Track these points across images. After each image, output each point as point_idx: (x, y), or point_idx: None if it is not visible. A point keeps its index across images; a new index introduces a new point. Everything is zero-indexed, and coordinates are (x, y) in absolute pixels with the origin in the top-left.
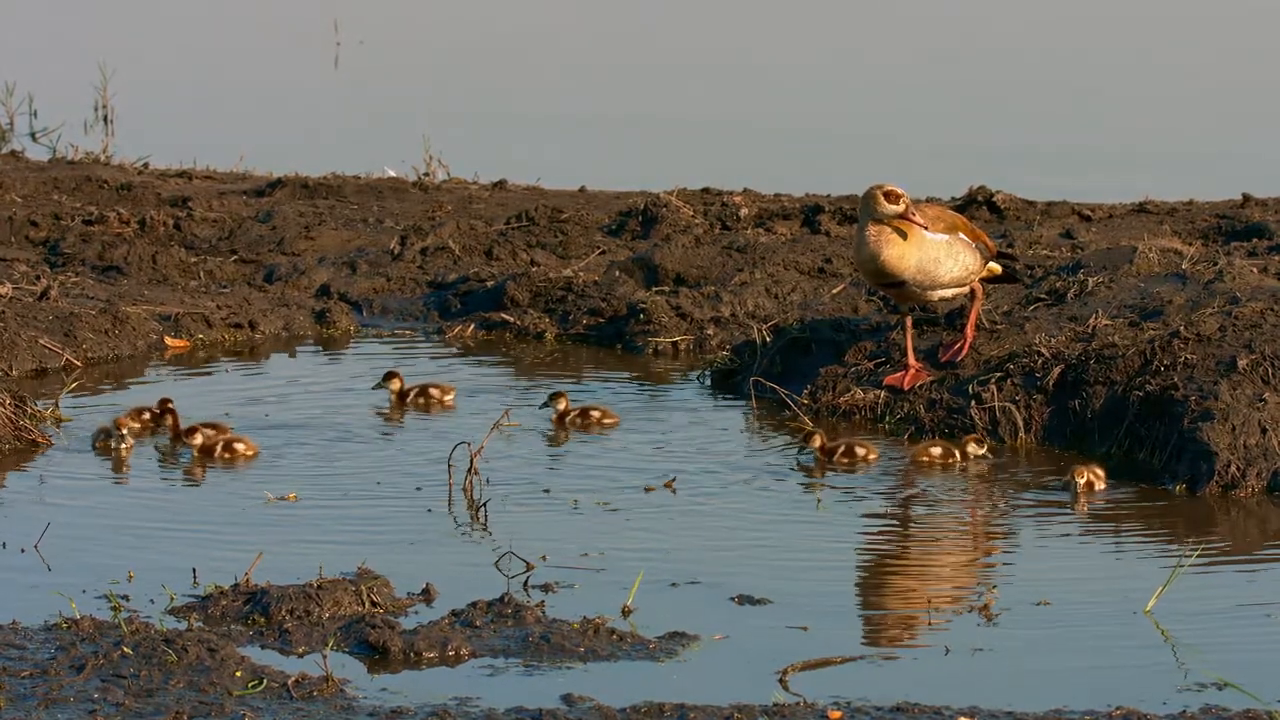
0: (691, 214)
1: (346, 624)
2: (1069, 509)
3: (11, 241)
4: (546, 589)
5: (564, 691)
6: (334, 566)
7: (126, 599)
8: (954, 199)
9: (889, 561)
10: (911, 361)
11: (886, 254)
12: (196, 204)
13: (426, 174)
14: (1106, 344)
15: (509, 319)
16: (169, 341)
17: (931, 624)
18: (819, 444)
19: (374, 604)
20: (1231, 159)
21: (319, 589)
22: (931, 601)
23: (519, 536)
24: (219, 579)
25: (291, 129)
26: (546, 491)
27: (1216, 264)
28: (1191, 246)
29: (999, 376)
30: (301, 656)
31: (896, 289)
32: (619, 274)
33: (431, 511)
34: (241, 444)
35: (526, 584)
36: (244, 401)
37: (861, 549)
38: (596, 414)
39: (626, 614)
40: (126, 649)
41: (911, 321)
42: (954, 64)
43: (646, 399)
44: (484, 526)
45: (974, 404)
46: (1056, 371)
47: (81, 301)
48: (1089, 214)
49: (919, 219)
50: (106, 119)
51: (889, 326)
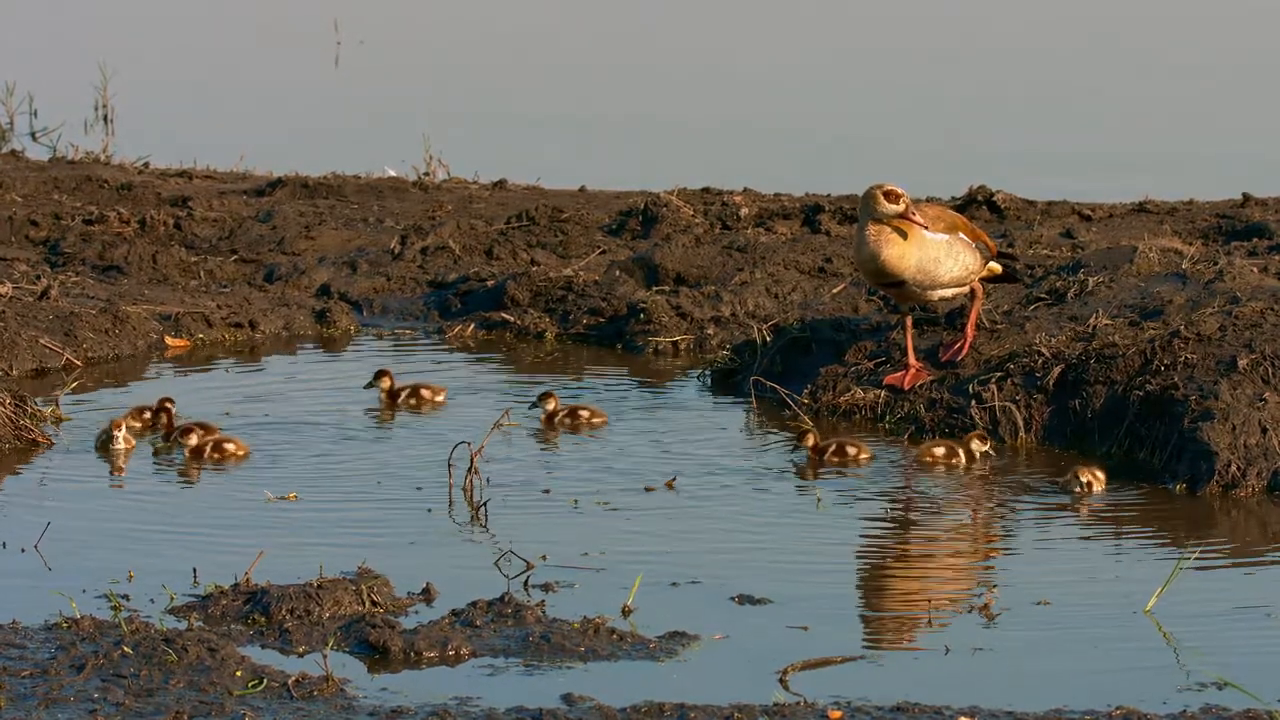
0: (692, 214)
1: (347, 623)
2: (1069, 509)
3: (12, 241)
4: (547, 589)
5: (564, 691)
6: (334, 566)
7: (127, 599)
8: (954, 199)
9: (889, 561)
10: (912, 361)
11: (886, 254)
12: (197, 204)
13: (426, 174)
14: (1107, 344)
15: (509, 319)
16: (169, 341)
17: (931, 624)
18: (811, 443)
19: (374, 603)
20: (1231, 159)
21: (319, 589)
22: (931, 601)
23: (519, 536)
24: (219, 579)
25: (291, 129)
26: (546, 491)
27: (1217, 264)
28: (1192, 246)
29: (999, 376)
30: (302, 656)
31: (896, 289)
32: (619, 274)
33: (431, 511)
34: (232, 444)
35: (527, 584)
36: (244, 401)
37: (861, 549)
38: (585, 414)
39: (627, 614)
40: (127, 649)
41: (912, 321)
42: (954, 64)
43: (647, 399)
44: (484, 526)
45: (974, 403)
46: (1057, 371)
47: (82, 301)
48: (1089, 214)
49: (919, 219)
50: (106, 119)
51: (889, 326)
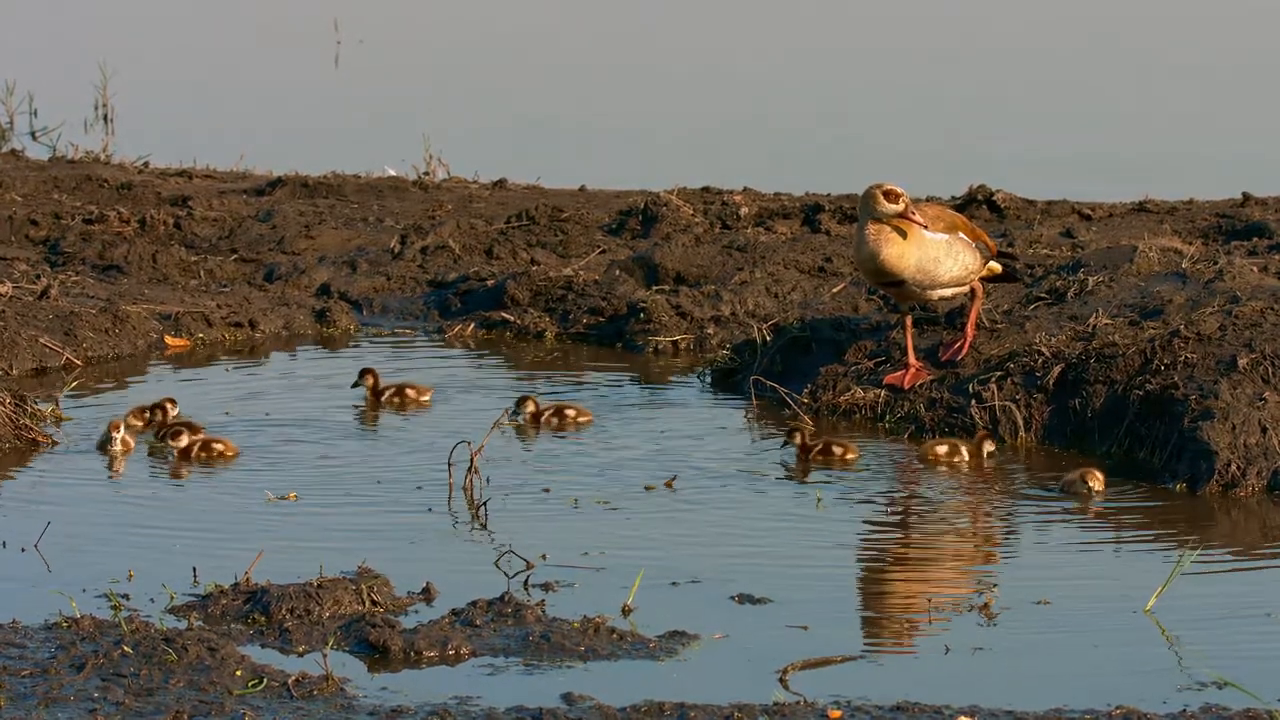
0: (692, 213)
1: (347, 623)
2: (1069, 509)
3: (12, 240)
4: (547, 588)
5: (564, 690)
6: (334, 565)
7: (126, 598)
8: (954, 198)
9: (889, 561)
10: (912, 360)
11: (886, 253)
12: (197, 203)
13: (426, 173)
14: (1107, 343)
15: (509, 318)
16: (169, 340)
17: (931, 623)
18: (800, 441)
19: (374, 603)
20: (1231, 159)
21: (319, 588)
22: (931, 601)
23: (519, 536)
24: (219, 578)
25: (291, 128)
26: (546, 491)
27: (1216, 263)
28: (1192, 246)
29: (999, 375)
30: (302, 655)
31: (896, 288)
32: (619, 273)
33: (432, 511)
34: (221, 444)
35: (527, 583)
36: (244, 400)
37: (861, 549)
38: (571, 413)
39: (627, 613)
40: (126, 648)
41: (912, 320)
42: (954, 64)
43: (647, 398)
44: (484, 526)
45: (974, 403)
46: (1057, 370)
47: (82, 300)
48: (1089, 213)
49: (918, 218)
50: (106, 118)
51: (889, 325)
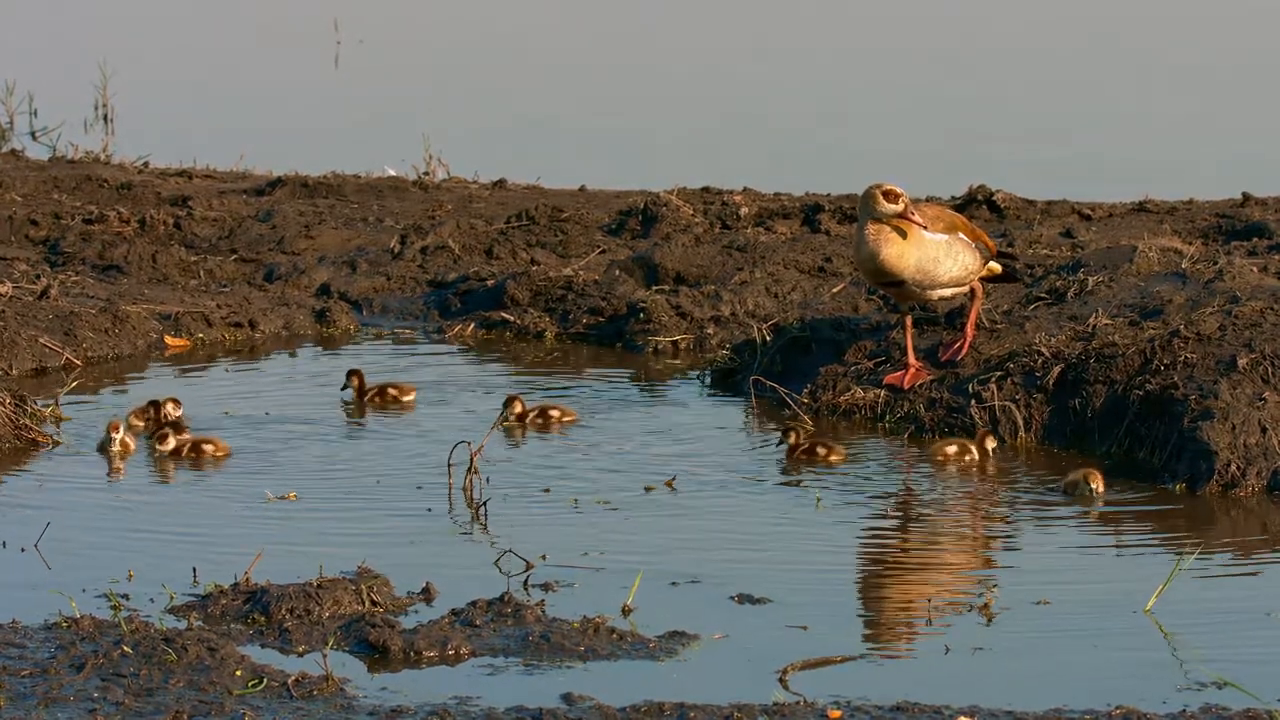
0: (691, 213)
1: (346, 623)
2: (1068, 508)
3: (11, 240)
4: (546, 588)
5: (564, 691)
6: (334, 565)
7: (126, 598)
8: (954, 198)
9: (889, 561)
10: (912, 360)
11: (886, 253)
12: (196, 203)
13: (426, 173)
14: (1106, 343)
15: (509, 318)
16: (169, 340)
17: (931, 623)
18: (791, 440)
19: (374, 603)
20: (1231, 159)
21: (319, 588)
22: (931, 601)
23: (519, 536)
24: (219, 578)
25: (291, 128)
26: (546, 491)
27: (1216, 263)
28: (1191, 246)
29: (999, 375)
30: (301, 655)
31: (896, 288)
32: (619, 273)
33: (431, 511)
34: (211, 444)
35: (526, 583)
36: (243, 399)
37: (861, 549)
38: (556, 413)
39: (626, 613)
40: (126, 648)
41: (911, 320)
42: (954, 64)
43: (647, 398)
44: (484, 526)
45: (974, 403)
46: (1056, 371)
47: (82, 300)
48: (1089, 213)
49: (918, 218)
50: (106, 118)
51: (889, 325)
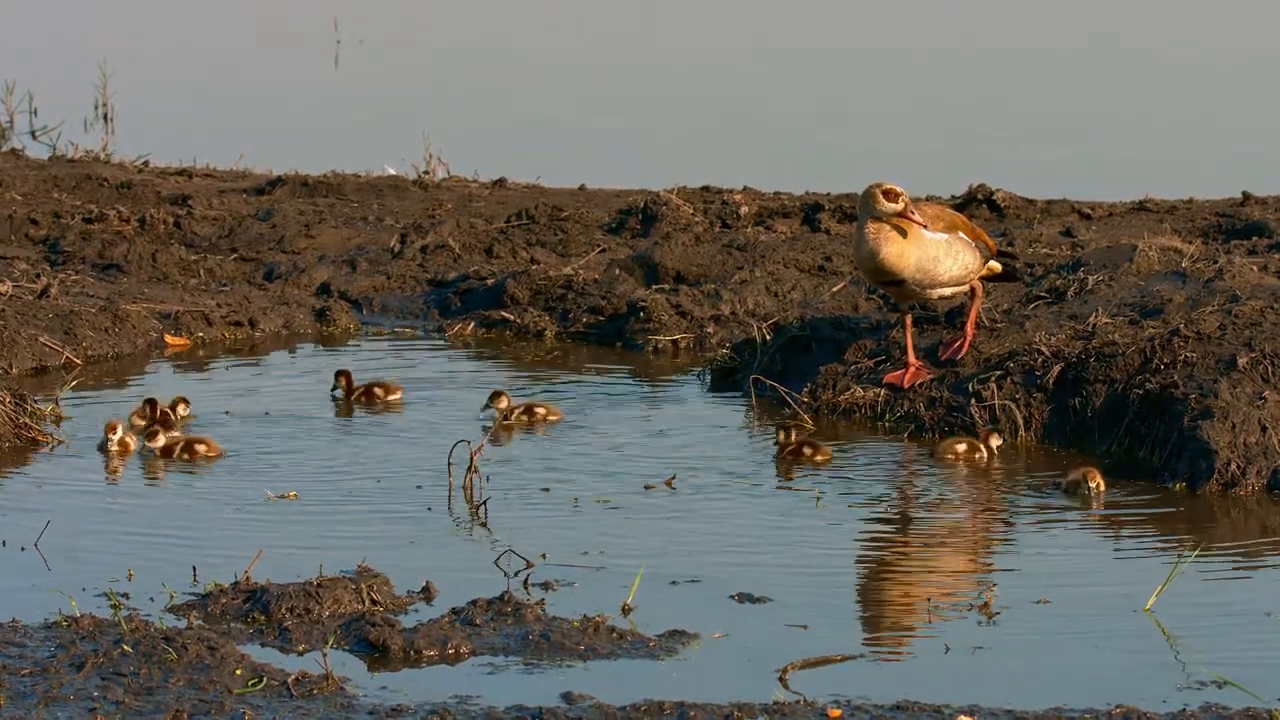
0: (691, 212)
1: (346, 622)
2: (1068, 508)
3: (11, 239)
4: (546, 587)
5: (564, 690)
6: (334, 564)
7: (126, 597)
8: (954, 197)
9: (889, 560)
10: (911, 359)
11: (886, 252)
12: (196, 202)
13: (426, 172)
14: (1106, 342)
15: (509, 317)
16: (169, 339)
17: (931, 623)
18: (783, 440)
19: (374, 602)
20: (1231, 159)
21: (319, 587)
22: (931, 600)
23: (519, 535)
24: (219, 577)
25: (291, 128)
26: (546, 490)
27: (1216, 262)
28: (1191, 245)
29: (999, 375)
30: (301, 654)
31: (896, 287)
32: (619, 272)
33: (431, 510)
34: (203, 445)
35: (526, 582)
36: (243, 399)
37: (861, 548)
38: (541, 411)
39: (626, 612)
40: (126, 647)
41: (911, 319)
42: (954, 64)
43: (646, 397)
44: (484, 525)
45: (974, 402)
46: (1056, 370)
47: (82, 299)
48: (1089, 212)
49: (918, 217)
50: (106, 117)
51: (889, 324)
